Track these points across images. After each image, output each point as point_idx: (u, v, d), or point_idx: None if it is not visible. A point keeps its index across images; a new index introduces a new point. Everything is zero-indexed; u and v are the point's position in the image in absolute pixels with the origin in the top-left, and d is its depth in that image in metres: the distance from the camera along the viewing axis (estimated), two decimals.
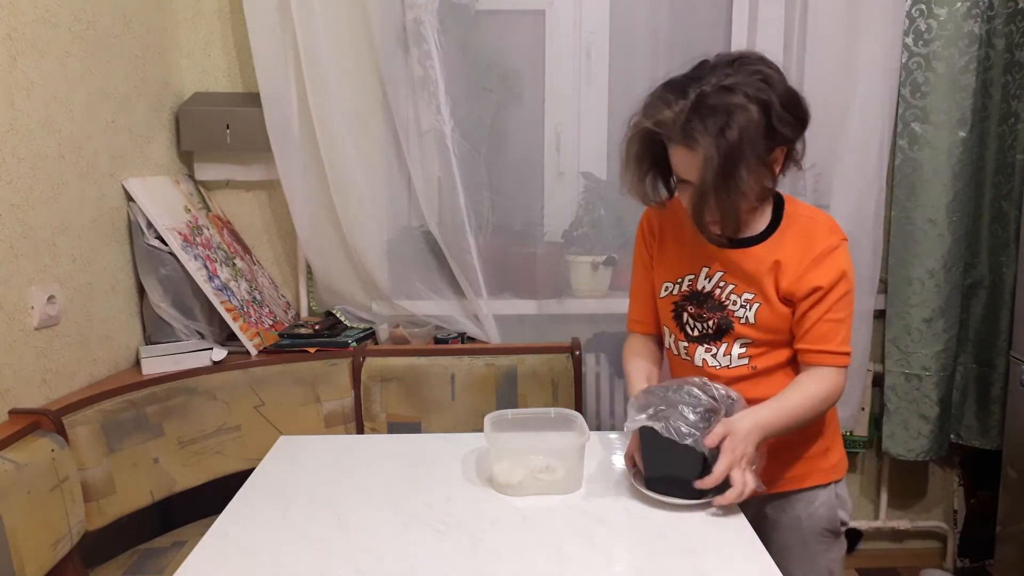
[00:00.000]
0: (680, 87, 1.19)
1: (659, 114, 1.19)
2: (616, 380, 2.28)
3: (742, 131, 1.14)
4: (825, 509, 1.37)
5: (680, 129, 1.17)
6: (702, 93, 1.16)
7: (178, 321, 1.96)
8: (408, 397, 2.03)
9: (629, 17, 2.17)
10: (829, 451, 1.39)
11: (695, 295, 1.34)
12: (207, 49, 2.22)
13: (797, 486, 1.37)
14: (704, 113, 1.15)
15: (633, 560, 1.07)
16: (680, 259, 1.37)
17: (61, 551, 1.46)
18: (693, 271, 1.35)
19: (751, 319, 1.29)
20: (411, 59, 2.11)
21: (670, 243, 1.40)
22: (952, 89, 2.10)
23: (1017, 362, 2.03)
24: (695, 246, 1.34)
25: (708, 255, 1.33)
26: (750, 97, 1.15)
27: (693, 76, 1.20)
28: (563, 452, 1.30)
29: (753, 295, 1.29)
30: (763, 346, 1.31)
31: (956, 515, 2.47)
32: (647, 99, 1.24)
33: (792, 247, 1.28)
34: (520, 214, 2.24)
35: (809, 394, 1.27)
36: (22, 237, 1.54)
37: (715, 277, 1.33)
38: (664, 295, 1.39)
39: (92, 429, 1.62)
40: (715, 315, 1.32)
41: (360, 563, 1.07)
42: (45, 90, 1.61)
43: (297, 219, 2.17)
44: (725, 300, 1.31)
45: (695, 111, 1.15)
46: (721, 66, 1.19)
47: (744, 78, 1.17)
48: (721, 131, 1.13)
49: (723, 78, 1.17)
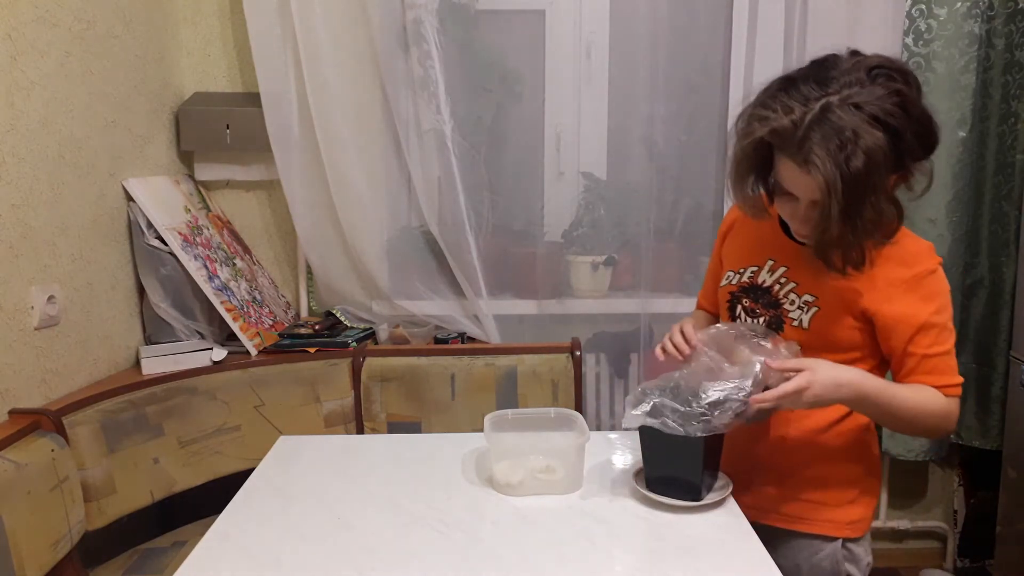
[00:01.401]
0: (802, 92, 1.04)
1: (775, 121, 1.04)
2: (616, 380, 2.29)
3: (868, 161, 0.99)
4: (829, 563, 1.25)
5: (797, 144, 1.03)
6: (827, 106, 1.01)
7: (178, 321, 1.96)
8: (408, 397, 2.03)
9: (629, 17, 2.18)
10: (853, 505, 1.26)
11: (753, 288, 1.26)
12: (207, 49, 2.22)
13: (803, 528, 1.26)
14: (827, 132, 1.00)
15: (633, 560, 1.07)
16: (749, 248, 1.30)
17: (61, 551, 1.46)
18: (758, 263, 1.27)
19: (805, 323, 1.19)
20: (411, 59, 2.11)
21: (743, 232, 1.33)
22: (952, 89, 2.10)
23: (1017, 362, 2.03)
24: (766, 236, 1.26)
25: (777, 247, 1.24)
26: (882, 122, 1.00)
27: (819, 78, 1.04)
28: (563, 452, 1.30)
29: (815, 298, 1.18)
30: (812, 356, 1.16)
31: (956, 515, 2.47)
32: (762, 95, 1.09)
33: (883, 262, 1.15)
34: (520, 214, 2.24)
35: (926, 403, 1.14)
36: (22, 237, 1.54)
37: (777, 272, 1.23)
38: (724, 284, 1.32)
39: (92, 429, 1.62)
40: (768, 312, 1.23)
41: (360, 563, 1.07)
42: (45, 90, 1.61)
43: (297, 219, 2.17)
44: (782, 298, 1.22)
45: (816, 126, 1.01)
46: (853, 71, 1.03)
47: (879, 96, 1.01)
48: (846, 159, 0.99)
49: (854, 91, 1.01)
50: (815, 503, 1.26)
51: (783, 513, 1.28)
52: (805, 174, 1.04)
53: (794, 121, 1.03)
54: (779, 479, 1.29)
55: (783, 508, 1.28)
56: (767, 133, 1.06)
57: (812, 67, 1.07)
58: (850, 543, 1.26)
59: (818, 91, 1.03)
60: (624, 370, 2.28)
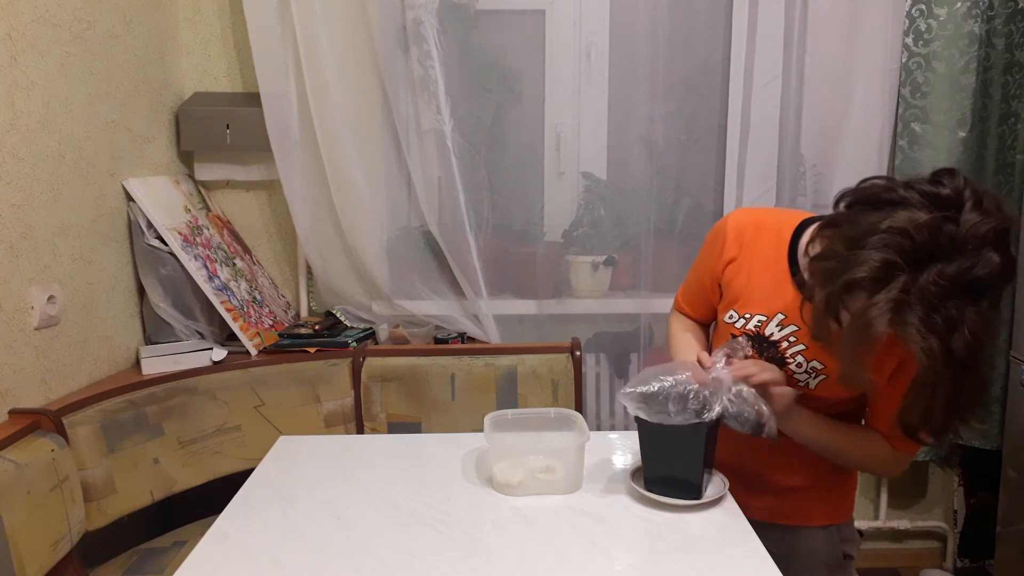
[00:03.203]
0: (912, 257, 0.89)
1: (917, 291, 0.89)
2: (616, 380, 2.28)
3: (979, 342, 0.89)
4: (827, 547, 1.31)
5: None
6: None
7: (178, 321, 1.96)
8: (408, 397, 2.03)
9: (629, 17, 2.18)
10: (839, 488, 1.32)
11: (758, 338, 1.21)
12: (207, 49, 2.22)
13: (797, 522, 1.31)
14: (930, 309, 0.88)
15: (633, 560, 1.07)
16: (758, 294, 1.21)
17: (61, 551, 1.46)
18: (766, 313, 1.20)
19: (811, 386, 1.17)
20: (411, 59, 2.11)
21: (750, 270, 1.23)
22: (952, 89, 2.10)
23: (1017, 362, 2.03)
24: (777, 289, 1.19)
25: (788, 302, 1.17)
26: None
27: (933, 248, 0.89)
28: (563, 452, 1.29)
29: (823, 367, 1.15)
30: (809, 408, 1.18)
31: (956, 515, 2.47)
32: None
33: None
34: (520, 214, 2.24)
35: (865, 448, 1.18)
36: (22, 237, 1.54)
37: (787, 329, 1.18)
38: (728, 321, 1.25)
39: (92, 429, 1.62)
40: None
41: (360, 563, 1.07)
42: (45, 90, 1.61)
43: (297, 219, 2.17)
44: (788, 358, 1.18)
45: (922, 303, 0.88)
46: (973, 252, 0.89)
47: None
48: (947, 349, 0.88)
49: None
50: (807, 497, 1.30)
51: (777, 510, 1.30)
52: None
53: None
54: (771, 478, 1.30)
55: (777, 505, 1.30)
56: (906, 286, 0.90)
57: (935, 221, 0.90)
58: (842, 526, 1.32)
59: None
60: (624, 370, 2.28)
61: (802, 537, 1.31)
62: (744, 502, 1.24)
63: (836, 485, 1.33)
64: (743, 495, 1.27)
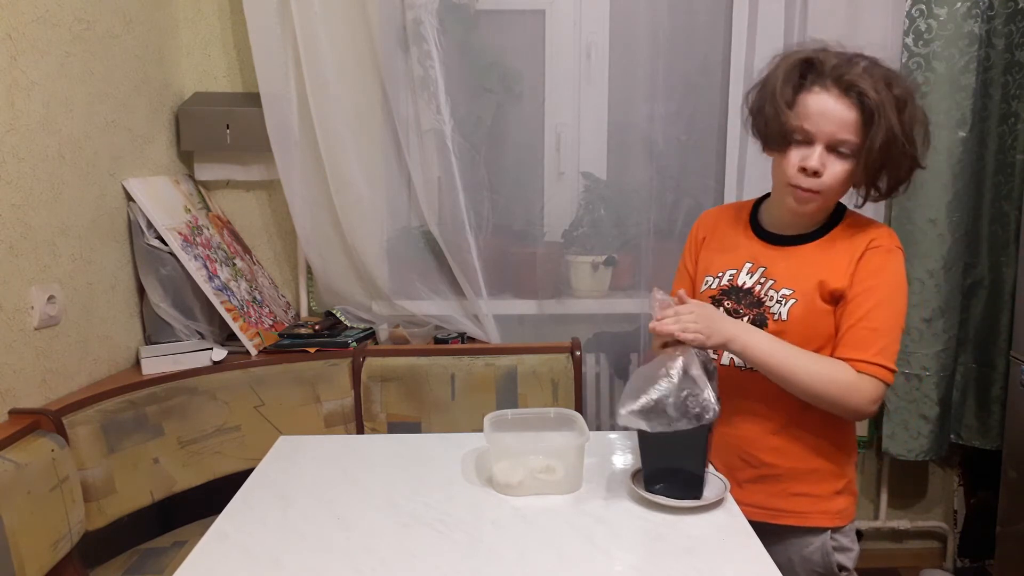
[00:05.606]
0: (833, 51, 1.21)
1: (818, 55, 1.20)
2: (616, 380, 2.28)
3: (910, 95, 1.18)
4: (820, 555, 1.30)
5: (839, 71, 1.17)
6: (865, 57, 1.19)
7: (178, 321, 1.96)
8: (408, 397, 2.03)
9: (629, 17, 2.17)
10: (840, 495, 1.31)
11: (734, 290, 1.32)
12: (207, 49, 2.22)
13: (794, 522, 1.30)
14: (871, 68, 1.17)
15: (633, 560, 1.07)
16: (724, 255, 1.36)
17: (61, 551, 1.46)
18: (735, 266, 1.34)
19: (783, 315, 1.25)
20: (411, 59, 2.11)
21: (717, 242, 1.40)
22: (952, 89, 2.10)
23: (1017, 362, 2.03)
24: (742, 242, 1.35)
25: (753, 252, 1.33)
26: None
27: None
28: (563, 452, 1.30)
29: (791, 291, 1.26)
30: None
31: (956, 515, 2.47)
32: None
33: (844, 245, 1.25)
34: (520, 214, 2.24)
35: (824, 369, 1.20)
36: (22, 237, 1.54)
37: (757, 273, 1.31)
38: (704, 289, 1.37)
39: (92, 429, 1.62)
40: (751, 312, 1.29)
41: (360, 563, 1.07)
42: (45, 90, 1.61)
43: (297, 219, 2.17)
44: (764, 296, 1.28)
45: (859, 59, 1.18)
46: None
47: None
48: (887, 85, 1.15)
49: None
50: (804, 497, 1.30)
51: (773, 510, 1.31)
52: (843, 104, 1.16)
53: (837, 54, 1.19)
54: (768, 477, 1.30)
55: (773, 505, 1.31)
56: (811, 52, 1.20)
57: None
58: (837, 533, 1.31)
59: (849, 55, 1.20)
60: (624, 370, 2.28)
61: (793, 545, 1.31)
62: (738, 500, 1.24)
63: (838, 478, 1.31)
64: (737, 493, 1.27)
